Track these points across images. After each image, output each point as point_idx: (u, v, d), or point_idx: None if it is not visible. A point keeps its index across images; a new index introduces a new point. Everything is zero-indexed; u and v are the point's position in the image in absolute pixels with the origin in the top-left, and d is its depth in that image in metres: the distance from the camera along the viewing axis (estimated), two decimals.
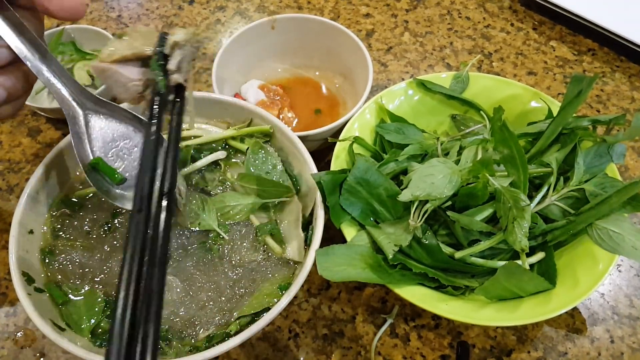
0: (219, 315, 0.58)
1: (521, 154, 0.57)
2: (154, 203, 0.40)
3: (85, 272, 0.60)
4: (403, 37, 1.04)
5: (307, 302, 0.70)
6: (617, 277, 0.72)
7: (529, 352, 0.66)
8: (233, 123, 0.71)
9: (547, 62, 0.99)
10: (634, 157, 0.86)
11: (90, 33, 0.92)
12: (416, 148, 0.69)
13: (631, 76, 0.96)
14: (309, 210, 0.64)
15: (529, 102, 0.75)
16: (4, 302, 0.70)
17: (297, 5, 1.11)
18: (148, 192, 0.40)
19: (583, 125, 0.65)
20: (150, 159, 0.43)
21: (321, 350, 0.66)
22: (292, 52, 0.91)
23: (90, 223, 0.63)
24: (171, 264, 0.61)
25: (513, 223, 0.55)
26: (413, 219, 0.58)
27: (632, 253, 0.55)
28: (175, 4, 1.11)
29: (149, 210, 0.39)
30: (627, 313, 0.69)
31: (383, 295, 0.71)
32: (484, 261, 0.60)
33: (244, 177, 0.65)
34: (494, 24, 1.06)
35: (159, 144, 0.46)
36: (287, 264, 0.62)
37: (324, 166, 0.72)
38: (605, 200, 0.57)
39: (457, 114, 0.78)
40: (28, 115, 0.91)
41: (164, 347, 0.55)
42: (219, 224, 0.63)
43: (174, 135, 0.48)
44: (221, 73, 0.80)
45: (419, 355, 0.66)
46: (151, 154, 0.44)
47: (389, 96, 0.75)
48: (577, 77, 0.65)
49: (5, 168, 0.85)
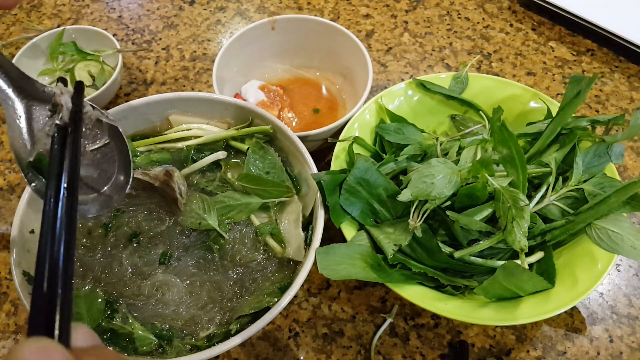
0: (219, 315, 0.58)
1: (520, 154, 0.57)
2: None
3: (85, 272, 0.60)
4: (403, 37, 1.04)
5: (307, 301, 0.71)
6: (616, 276, 0.73)
7: (528, 351, 0.66)
8: (233, 123, 0.72)
9: (546, 62, 0.99)
10: (632, 157, 0.86)
11: (91, 33, 0.92)
12: (416, 148, 0.70)
13: (630, 76, 0.97)
14: (309, 210, 0.65)
15: (528, 103, 0.75)
16: (5, 301, 0.71)
17: (297, 6, 1.11)
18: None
19: (582, 126, 0.65)
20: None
21: (321, 350, 0.66)
22: (292, 52, 0.91)
23: (90, 222, 0.63)
24: (172, 264, 0.61)
25: (512, 223, 0.55)
26: (413, 219, 0.58)
27: (631, 253, 0.55)
28: (176, 4, 1.11)
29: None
30: (626, 312, 0.69)
31: (383, 294, 0.71)
32: (483, 261, 0.60)
33: (245, 177, 0.65)
34: (493, 25, 1.07)
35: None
36: (288, 263, 0.62)
37: (324, 166, 0.72)
38: (604, 200, 0.57)
39: (457, 114, 0.78)
40: None
41: (165, 347, 0.56)
42: (220, 224, 0.63)
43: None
44: (221, 73, 0.81)
45: (419, 355, 0.66)
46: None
47: (388, 96, 0.75)
48: (576, 77, 0.66)
49: (7, 168, 0.85)
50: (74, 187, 0.39)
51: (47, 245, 0.34)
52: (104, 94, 0.85)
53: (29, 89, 0.50)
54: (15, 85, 0.50)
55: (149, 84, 0.97)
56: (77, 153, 0.42)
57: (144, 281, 0.59)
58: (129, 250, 0.61)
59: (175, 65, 1.00)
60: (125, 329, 0.56)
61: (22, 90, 0.50)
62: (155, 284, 0.59)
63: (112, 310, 0.57)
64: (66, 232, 0.36)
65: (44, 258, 0.33)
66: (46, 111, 0.50)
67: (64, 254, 0.34)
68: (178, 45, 1.03)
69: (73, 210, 0.38)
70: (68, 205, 0.38)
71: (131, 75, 0.98)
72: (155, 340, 0.55)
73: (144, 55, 1.01)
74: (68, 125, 0.45)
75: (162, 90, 0.95)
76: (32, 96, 0.50)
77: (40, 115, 0.50)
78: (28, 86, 0.50)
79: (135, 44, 1.04)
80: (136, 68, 0.99)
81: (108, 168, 0.54)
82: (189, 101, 0.70)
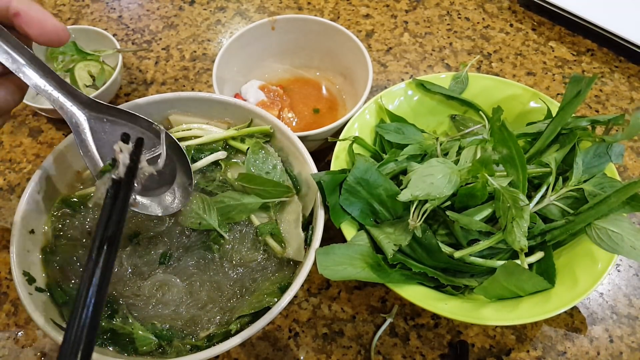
0: (219, 315, 0.58)
1: (520, 154, 0.57)
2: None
3: None
4: (403, 37, 1.04)
5: (307, 301, 0.71)
6: (616, 276, 0.73)
7: (528, 351, 0.66)
8: (233, 123, 0.72)
9: (546, 62, 0.99)
10: (632, 157, 0.86)
11: (91, 33, 0.92)
12: (416, 148, 0.70)
13: (630, 76, 0.97)
14: (309, 210, 0.65)
15: (528, 103, 0.75)
16: (5, 301, 0.71)
17: (297, 6, 1.11)
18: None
19: (582, 126, 0.65)
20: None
21: (321, 350, 0.66)
22: (292, 52, 0.91)
23: (91, 223, 0.63)
24: (172, 264, 0.61)
25: (512, 223, 0.55)
26: (412, 219, 0.58)
27: (631, 253, 0.55)
28: (176, 4, 1.11)
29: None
30: (626, 312, 0.69)
31: (383, 294, 0.71)
32: (483, 261, 0.60)
33: (245, 177, 0.65)
34: (493, 25, 1.07)
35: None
36: (288, 263, 0.62)
37: (324, 166, 0.72)
38: (604, 200, 0.57)
39: (457, 114, 0.78)
40: (29, 116, 0.91)
41: (165, 347, 0.56)
42: (220, 224, 0.63)
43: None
44: (221, 73, 0.81)
45: (419, 355, 0.66)
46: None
47: (388, 96, 0.75)
48: (576, 77, 0.66)
49: (6, 168, 0.85)
50: (115, 242, 0.45)
51: (81, 299, 0.40)
52: (104, 94, 0.85)
53: (90, 104, 0.55)
54: (78, 101, 0.55)
55: (149, 84, 0.97)
56: (124, 209, 0.48)
57: (144, 281, 0.59)
58: (129, 250, 0.61)
59: (175, 65, 1.00)
60: (125, 329, 0.56)
61: (86, 106, 0.55)
62: (155, 284, 0.59)
63: (112, 310, 0.57)
64: (100, 281, 0.41)
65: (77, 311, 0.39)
66: (105, 123, 0.57)
67: (93, 313, 0.40)
68: (178, 45, 1.03)
69: (110, 261, 0.44)
70: (106, 257, 0.43)
71: (131, 75, 0.98)
72: (155, 340, 0.55)
73: (144, 55, 1.01)
74: (122, 180, 0.51)
75: (162, 90, 0.95)
76: (92, 108, 0.56)
77: (102, 126, 0.57)
78: (88, 101, 0.55)
79: (135, 44, 1.04)
80: (136, 68, 0.99)
81: (170, 172, 0.60)
82: (189, 101, 0.70)
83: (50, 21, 0.48)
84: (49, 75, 0.52)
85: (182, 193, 0.61)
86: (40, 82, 0.51)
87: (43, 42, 0.49)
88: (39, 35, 0.48)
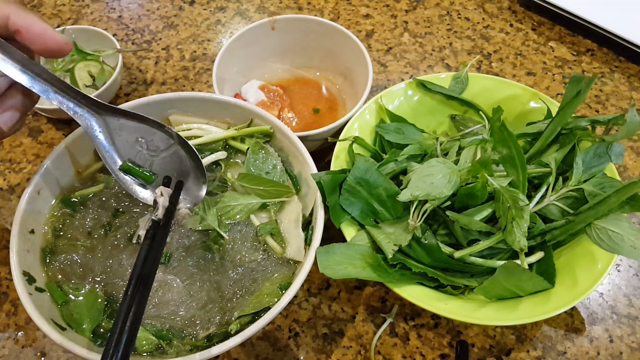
0: (219, 315, 0.58)
1: (520, 154, 0.57)
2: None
3: (85, 272, 0.60)
4: (403, 37, 1.04)
5: (307, 301, 0.71)
6: (616, 276, 0.73)
7: (528, 351, 0.66)
8: (233, 123, 0.72)
9: (546, 62, 0.99)
10: (632, 156, 0.86)
11: (91, 34, 0.92)
12: (416, 148, 0.70)
13: (630, 76, 0.97)
14: (309, 210, 0.65)
15: (528, 103, 0.75)
16: (5, 301, 0.71)
17: (297, 6, 1.11)
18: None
19: (582, 126, 0.65)
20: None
21: (321, 350, 0.66)
22: (292, 52, 0.91)
23: (91, 223, 0.63)
24: (172, 264, 0.61)
25: (512, 223, 0.56)
26: (412, 219, 0.58)
27: (631, 252, 0.55)
28: (176, 4, 1.11)
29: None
30: (626, 312, 0.69)
31: (383, 294, 0.71)
32: (483, 261, 0.60)
33: (244, 177, 0.65)
34: (493, 25, 1.07)
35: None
36: (288, 263, 0.62)
37: (324, 166, 0.72)
38: (604, 200, 0.57)
39: (457, 114, 0.78)
40: (29, 116, 0.91)
41: (165, 346, 0.56)
42: (220, 224, 0.63)
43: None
44: (221, 73, 0.81)
45: (419, 355, 0.66)
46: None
47: (388, 96, 0.75)
48: (576, 77, 0.66)
49: (6, 168, 0.85)
50: (150, 280, 0.48)
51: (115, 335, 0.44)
52: (104, 94, 0.85)
53: (98, 106, 0.56)
54: (88, 104, 0.56)
55: (149, 84, 0.97)
56: (161, 248, 0.52)
57: None
58: (129, 250, 0.61)
59: (175, 65, 1.00)
60: None
61: (96, 109, 0.57)
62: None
63: (112, 310, 0.57)
64: (134, 318, 0.45)
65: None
66: (117, 119, 0.58)
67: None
68: (178, 45, 1.03)
69: (145, 298, 0.47)
70: (141, 294, 0.47)
71: (131, 75, 0.98)
72: (155, 340, 0.55)
73: (144, 55, 1.01)
74: (161, 222, 0.55)
75: (162, 90, 0.95)
76: (103, 111, 0.57)
77: (114, 124, 0.58)
78: (96, 103, 0.56)
79: (135, 44, 1.04)
80: (136, 68, 0.99)
81: (184, 171, 0.62)
82: (189, 101, 0.70)
83: (51, 36, 0.49)
84: (58, 84, 0.53)
85: (195, 193, 0.62)
86: (53, 95, 0.53)
87: (46, 56, 0.50)
88: (42, 51, 0.50)
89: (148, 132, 0.59)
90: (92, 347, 0.54)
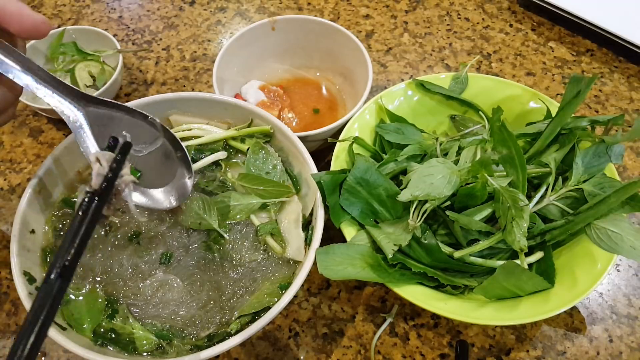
0: (219, 315, 0.58)
1: (520, 154, 0.57)
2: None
3: (86, 272, 0.60)
4: (402, 38, 1.05)
5: (307, 301, 0.71)
6: (615, 276, 0.73)
7: (527, 351, 0.66)
8: (233, 123, 0.72)
9: (546, 62, 1.00)
10: (632, 157, 0.86)
11: (91, 34, 0.92)
12: (415, 148, 0.70)
13: (630, 77, 0.97)
14: (309, 210, 0.65)
15: (527, 103, 0.75)
16: (6, 301, 0.71)
17: (297, 6, 1.11)
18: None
19: (582, 126, 0.65)
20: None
21: (321, 349, 0.67)
22: (292, 52, 0.91)
23: None
24: (172, 264, 0.61)
25: (512, 223, 0.56)
26: (412, 219, 0.58)
27: (630, 253, 0.55)
28: (176, 4, 1.11)
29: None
30: (625, 312, 0.69)
31: (383, 294, 0.71)
32: (483, 261, 0.60)
33: (245, 177, 0.65)
34: (492, 25, 1.07)
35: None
36: (288, 263, 0.62)
37: (324, 166, 0.72)
38: (603, 200, 0.57)
39: (456, 115, 0.78)
40: (29, 116, 0.92)
41: (165, 346, 0.56)
42: (220, 224, 0.63)
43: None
44: (222, 74, 0.81)
45: (419, 354, 0.66)
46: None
47: (388, 97, 0.76)
48: (576, 77, 0.66)
49: (7, 168, 0.85)
50: (71, 268, 0.40)
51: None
52: (104, 94, 0.85)
53: (82, 97, 0.55)
54: (71, 97, 0.54)
55: (149, 84, 0.97)
56: (91, 225, 0.43)
57: (145, 281, 0.59)
58: (130, 250, 0.61)
59: (175, 65, 1.00)
60: (126, 328, 0.56)
61: (78, 100, 0.55)
62: (155, 284, 0.59)
63: (112, 310, 0.58)
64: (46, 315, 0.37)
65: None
66: (99, 109, 0.55)
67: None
68: (178, 45, 1.03)
69: (62, 292, 0.39)
70: (60, 285, 0.39)
71: (131, 76, 0.98)
72: (155, 340, 0.55)
73: (144, 56, 1.01)
74: (96, 193, 0.45)
75: (163, 91, 0.96)
76: (87, 103, 0.55)
77: (97, 116, 0.56)
78: (79, 95, 0.54)
79: (135, 45, 1.04)
80: (136, 68, 0.99)
81: (170, 165, 0.59)
82: (189, 101, 0.70)
83: (28, 15, 0.47)
84: (40, 74, 0.51)
85: (182, 187, 0.61)
86: (31, 82, 0.51)
87: (24, 37, 0.48)
88: (19, 31, 0.48)
89: (133, 124, 0.57)
90: (93, 347, 0.54)
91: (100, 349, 0.55)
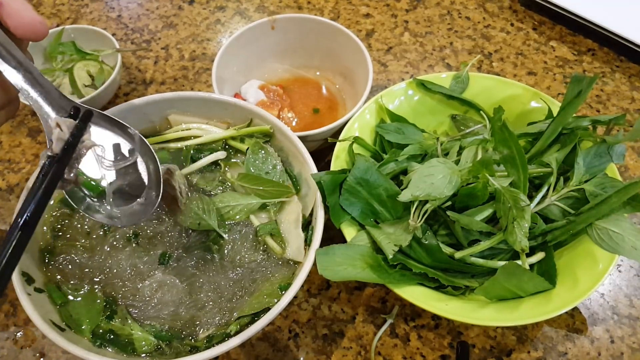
0: (219, 315, 0.58)
1: (521, 154, 0.57)
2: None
3: (84, 273, 0.60)
4: (403, 37, 1.04)
5: (307, 302, 0.70)
6: (617, 277, 0.72)
7: (528, 352, 0.66)
8: (233, 123, 0.71)
9: (547, 62, 0.99)
10: (633, 157, 0.86)
11: (90, 33, 0.92)
12: (416, 148, 0.69)
13: (631, 76, 0.96)
14: (309, 210, 0.64)
15: (528, 102, 0.75)
16: (4, 302, 0.70)
17: (297, 6, 1.11)
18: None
19: (583, 126, 0.65)
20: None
21: (321, 350, 0.66)
22: (292, 52, 0.91)
23: (90, 223, 0.63)
24: (171, 264, 0.61)
25: (513, 223, 0.55)
26: (413, 219, 0.58)
27: (632, 253, 0.55)
28: (175, 4, 1.11)
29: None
30: (627, 313, 0.69)
31: (383, 295, 0.71)
32: (484, 261, 0.60)
33: (244, 177, 0.65)
34: (493, 24, 1.06)
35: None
36: (287, 264, 0.62)
37: (324, 166, 0.72)
38: (605, 200, 0.57)
39: (457, 114, 0.78)
40: (28, 116, 0.91)
41: (164, 347, 0.55)
42: (219, 224, 0.63)
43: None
44: (221, 73, 0.80)
45: (419, 355, 0.66)
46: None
47: (388, 96, 0.75)
48: (577, 77, 0.65)
49: (5, 168, 0.85)
50: (31, 225, 0.42)
51: None
52: (103, 93, 0.85)
53: (65, 105, 0.52)
54: (55, 104, 0.51)
55: (148, 84, 0.96)
56: (49, 190, 0.45)
57: (144, 282, 0.59)
58: (128, 250, 0.61)
59: (174, 64, 0.99)
60: (125, 329, 0.56)
61: (61, 108, 0.52)
62: (154, 284, 0.59)
63: (111, 311, 0.57)
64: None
65: None
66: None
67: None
68: (177, 44, 1.03)
69: (21, 247, 0.41)
70: (19, 240, 0.41)
71: (130, 75, 0.98)
72: (154, 341, 0.55)
73: (143, 55, 1.01)
74: (57, 157, 0.47)
75: (162, 90, 0.95)
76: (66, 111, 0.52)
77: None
78: (64, 102, 0.52)
79: (134, 44, 1.03)
80: (135, 68, 0.99)
81: (139, 182, 0.56)
82: (188, 101, 0.70)
83: (29, 14, 0.47)
84: (29, 72, 0.49)
85: (147, 205, 0.56)
86: (21, 81, 0.49)
87: (20, 35, 0.48)
88: (16, 27, 0.47)
89: (107, 139, 0.54)
90: (92, 348, 0.54)
91: (99, 350, 0.54)
